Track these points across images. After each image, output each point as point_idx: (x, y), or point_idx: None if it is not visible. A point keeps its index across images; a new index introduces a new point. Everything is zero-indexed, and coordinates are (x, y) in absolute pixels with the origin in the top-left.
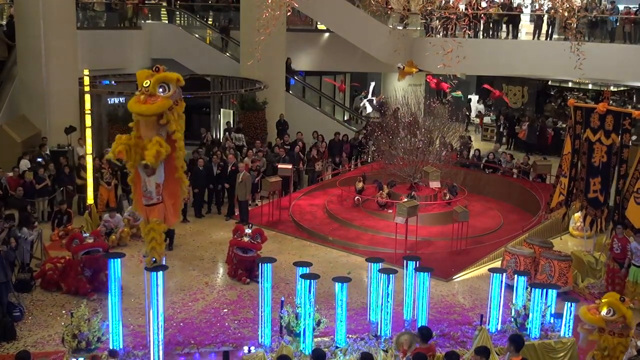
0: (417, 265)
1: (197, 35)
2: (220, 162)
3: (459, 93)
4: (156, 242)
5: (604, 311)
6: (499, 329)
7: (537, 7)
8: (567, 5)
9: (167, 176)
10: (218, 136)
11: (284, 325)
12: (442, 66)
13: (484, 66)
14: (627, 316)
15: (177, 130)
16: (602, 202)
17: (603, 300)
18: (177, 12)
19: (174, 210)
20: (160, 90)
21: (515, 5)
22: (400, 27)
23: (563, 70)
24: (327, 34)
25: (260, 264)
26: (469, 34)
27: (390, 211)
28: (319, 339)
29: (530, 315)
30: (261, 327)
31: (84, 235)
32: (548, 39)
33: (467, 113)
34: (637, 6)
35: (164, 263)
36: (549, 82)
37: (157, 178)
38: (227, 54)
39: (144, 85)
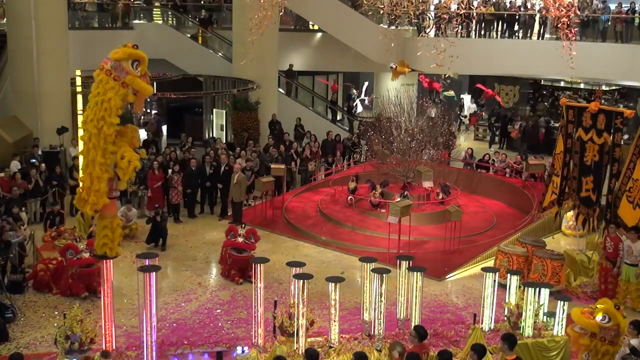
0: (410, 265)
1: (188, 35)
2: (213, 162)
3: (451, 92)
4: (108, 238)
5: (599, 317)
6: (492, 328)
7: (529, 6)
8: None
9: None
10: (211, 136)
11: (278, 325)
12: (435, 66)
13: (476, 66)
14: (622, 325)
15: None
16: (595, 201)
17: (598, 306)
18: (169, 12)
19: (96, 193)
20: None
21: (508, 5)
22: (393, 27)
23: (555, 69)
24: (319, 34)
25: (253, 264)
26: (461, 34)
27: (383, 211)
28: (313, 339)
29: (523, 314)
30: (254, 327)
31: (80, 247)
32: (540, 38)
33: (459, 112)
34: (629, 5)
35: (156, 263)
36: (541, 82)
37: None
38: (219, 54)
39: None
